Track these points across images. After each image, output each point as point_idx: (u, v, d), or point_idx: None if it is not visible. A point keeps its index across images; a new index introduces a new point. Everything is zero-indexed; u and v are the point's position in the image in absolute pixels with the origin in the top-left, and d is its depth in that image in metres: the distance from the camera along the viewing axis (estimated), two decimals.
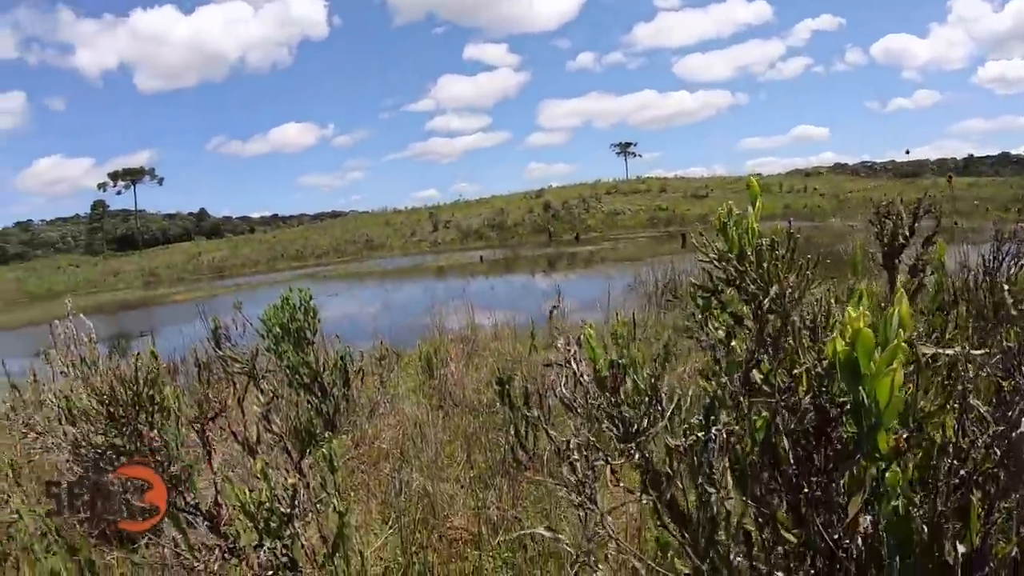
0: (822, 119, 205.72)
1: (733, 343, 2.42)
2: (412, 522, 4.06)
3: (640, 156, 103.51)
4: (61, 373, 5.48)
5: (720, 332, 2.49)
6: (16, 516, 3.90)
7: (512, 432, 4.80)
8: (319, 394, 5.77)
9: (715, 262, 2.45)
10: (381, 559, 3.89)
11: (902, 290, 1.79)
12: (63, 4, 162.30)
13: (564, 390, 2.42)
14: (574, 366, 2.41)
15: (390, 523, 4.22)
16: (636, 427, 2.24)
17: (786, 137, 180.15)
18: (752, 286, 2.27)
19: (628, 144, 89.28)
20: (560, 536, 2.67)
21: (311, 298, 6.28)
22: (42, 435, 4.89)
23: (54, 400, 5.15)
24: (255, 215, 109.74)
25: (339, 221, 73.16)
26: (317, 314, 6.21)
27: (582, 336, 2.46)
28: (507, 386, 4.76)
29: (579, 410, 2.37)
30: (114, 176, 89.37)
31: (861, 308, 1.68)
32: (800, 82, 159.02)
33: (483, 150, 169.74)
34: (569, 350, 2.46)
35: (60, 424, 4.88)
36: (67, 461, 4.67)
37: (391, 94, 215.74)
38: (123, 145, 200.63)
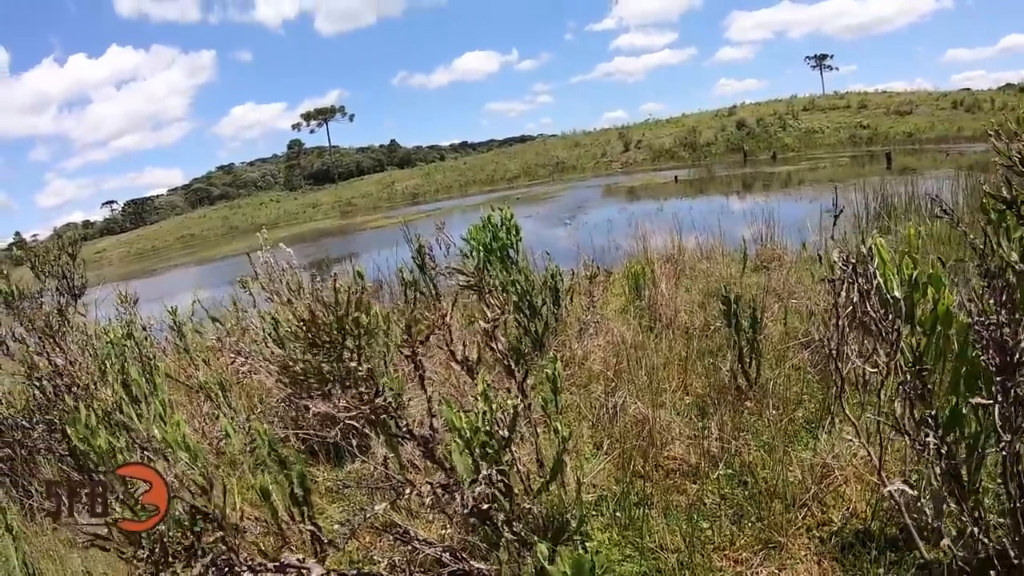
0: None
1: None
2: (629, 449, 3.84)
3: (837, 69, 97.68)
4: (266, 299, 5.57)
5: (1014, 254, 2.07)
6: (225, 434, 3.94)
7: (735, 357, 4.47)
8: (528, 313, 5.59)
9: (1018, 166, 1.99)
10: (594, 486, 3.70)
11: None
12: None
13: (867, 307, 2.04)
14: (873, 282, 2.03)
15: (604, 448, 4.03)
16: (1020, 356, 1.82)
17: (994, 49, 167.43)
18: None
19: (824, 56, 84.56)
20: None
21: (512, 216, 6.10)
22: (248, 359, 4.95)
23: (258, 324, 5.23)
24: (444, 143, 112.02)
25: (528, 145, 73.58)
26: (520, 232, 6.03)
27: (873, 248, 2.08)
28: (735, 306, 4.40)
29: (881, 333, 1.99)
30: (306, 116, 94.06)
31: None
32: None
33: (670, 68, 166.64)
34: (855, 265, 2.08)
35: (266, 346, 4.93)
36: (276, 380, 4.71)
37: (573, 15, 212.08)
38: (312, 87, 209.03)
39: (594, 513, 3.47)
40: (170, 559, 2.25)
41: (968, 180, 11.07)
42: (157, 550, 2.22)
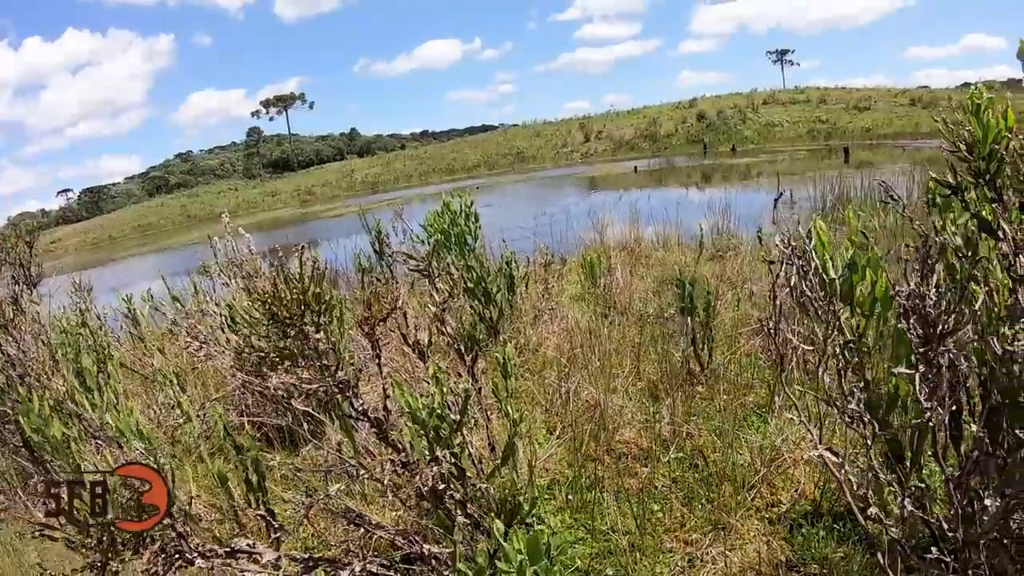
0: (997, 28, 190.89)
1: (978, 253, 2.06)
2: (581, 434, 3.88)
3: (798, 64, 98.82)
4: (223, 285, 5.54)
5: (958, 238, 2.13)
6: (186, 418, 3.93)
7: (688, 341, 4.53)
8: (483, 299, 5.60)
9: (963, 152, 2.05)
10: (547, 470, 3.74)
11: None
12: None
13: (803, 287, 2.09)
14: (811, 263, 2.08)
15: (556, 433, 4.07)
16: (942, 327, 1.88)
17: (956, 47, 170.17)
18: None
19: (785, 51, 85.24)
20: None
21: (472, 203, 6.11)
22: (205, 344, 4.93)
23: (216, 309, 5.20)
24: (405, 132, 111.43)
25: (490, 134, 73.22)
26: (478, 219, 6.05)
27: (813, 230, 2.13)
28: (689, 289, 4.46)
29: (818, 312, 2.05)
30: (266, 103, 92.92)
31: None
32: None
33: (633, 59, 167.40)
34: (794, 247, 2.13)
35: (223, 332, 4.90)
36: (230, 367, 4.70)
37: (536, 4, 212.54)
38: (272, 74, 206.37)
39: (547, 496, 3.51)
40: (119, 547, 2.25)
41: (922, 175, 11.24)
42: (105, 538, 2.21)
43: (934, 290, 1.87)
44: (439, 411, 2.54)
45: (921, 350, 1.89)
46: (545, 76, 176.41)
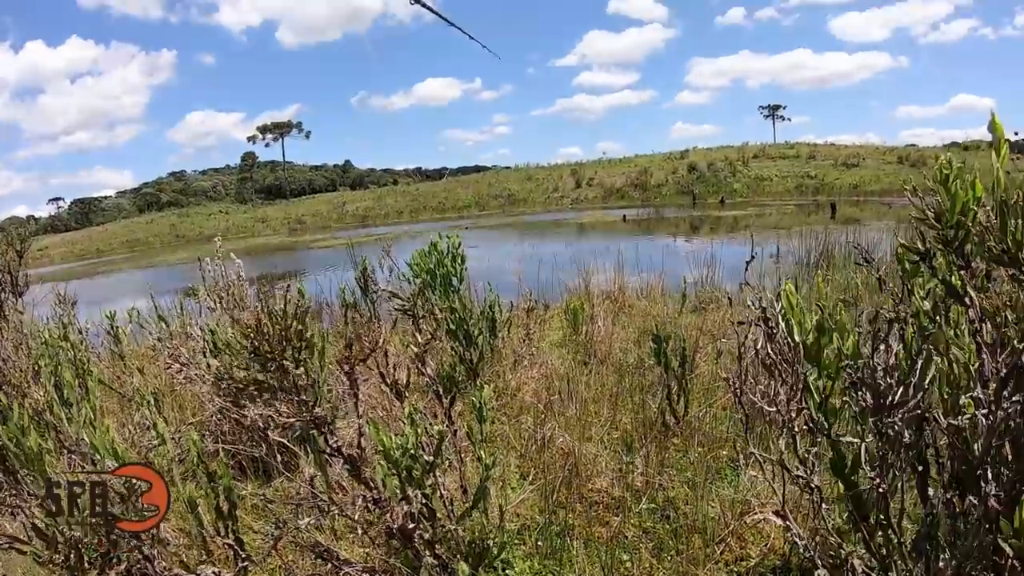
0: (986, 89, 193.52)
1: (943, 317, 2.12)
2: (554, 480, 3.90)
3: (789, 120, 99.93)
4: (208, 308, 5.54)
5: (926, 304, 2.18)
6: (160, 440, 3.92)
7: (664, 394, 4.57)
8: (464, 341, 5.63)
9: (930, 220, 2.11)
10: (518, 515, 3.75)
11: None
12: None
13: (768, 350, 2.14)
14: (779, 325, 2.13)
15: (529, 479, 4.08)
16: (891, 399, 1.94)
17: (944, 107, 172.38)
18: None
19: (777, 107, 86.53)
20: None
21: (459, 244, 6.15)
22: (186, 367, 4.93)
23: (200, 333, 5.20)
24: (399, 167, 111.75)
25: (482, 175, 73.50)
26: (464, 261, 6.09)
27: (782, 293, 2.18)
28: (664, 344, 4.50)
29: (782, 374, 2.10)
30: (263, 129, 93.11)
31: None
32: (964, 46, 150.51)
33: (628, 108, 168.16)
34: (764, 308, 2.19)
35: (204, 357, 4.90)
36: (208, 393, 4.70)
37: (536, 49, 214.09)
38: (270, 99, 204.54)
39: (516, 542, 3.50)
40: (85, 565, 2.26)
41: (906, 233, 11.34)
42: (72, 555, 2.23)
43: (893, 359, 1.93)
44: (412, 451, 2.57)
45: (871, 420, 1.94)
46: (541, 120, 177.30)
